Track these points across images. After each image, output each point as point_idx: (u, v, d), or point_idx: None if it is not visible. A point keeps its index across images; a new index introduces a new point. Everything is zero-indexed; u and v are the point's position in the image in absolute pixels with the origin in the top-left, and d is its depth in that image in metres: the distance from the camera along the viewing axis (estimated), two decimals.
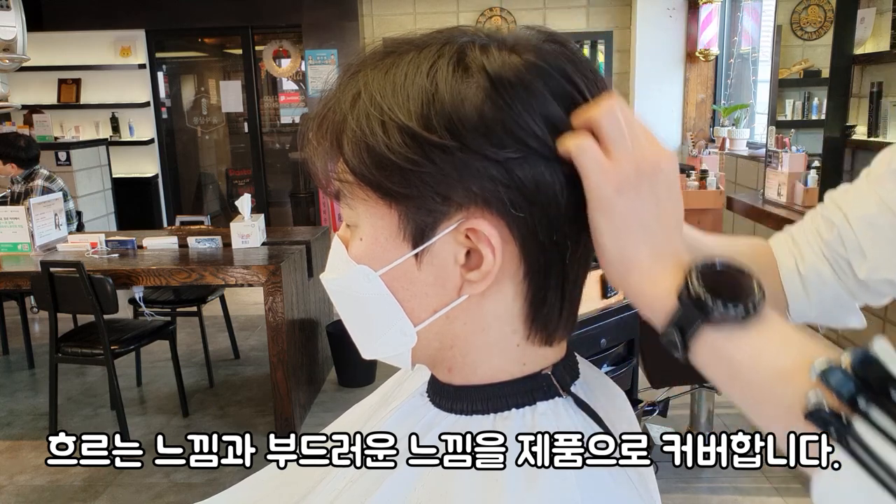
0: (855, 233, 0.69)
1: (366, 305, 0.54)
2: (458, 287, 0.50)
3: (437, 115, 0.46)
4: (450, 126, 0.46)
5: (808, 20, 4.34)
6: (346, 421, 0.69)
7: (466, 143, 0.46)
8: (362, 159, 0.48)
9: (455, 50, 0.49)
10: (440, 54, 0.49)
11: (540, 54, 0.48)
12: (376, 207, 0.50)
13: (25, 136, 4.21)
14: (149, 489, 2.72)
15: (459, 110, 0.46)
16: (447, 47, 0.49)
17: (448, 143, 0.46)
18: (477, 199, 0.47)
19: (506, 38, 0.50)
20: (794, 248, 0.74)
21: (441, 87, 0.47)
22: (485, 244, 0.48)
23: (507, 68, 0.47)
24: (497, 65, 0.47)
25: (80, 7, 6.48)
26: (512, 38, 0.50)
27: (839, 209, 0.71)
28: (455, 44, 0.49)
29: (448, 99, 0.46)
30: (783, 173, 3.77)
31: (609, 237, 0.48)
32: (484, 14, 6.45)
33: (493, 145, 0.46)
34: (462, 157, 0.46)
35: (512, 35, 0.50)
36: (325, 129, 0.51)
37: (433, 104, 0.46)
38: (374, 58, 0.51)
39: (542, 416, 0.52)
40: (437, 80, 0.47)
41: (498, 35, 0.50)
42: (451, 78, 0.47)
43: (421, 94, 0.47)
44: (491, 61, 0.48)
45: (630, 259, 0.48)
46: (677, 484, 2.63)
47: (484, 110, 0.46)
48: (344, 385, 3.65)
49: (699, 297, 0.45)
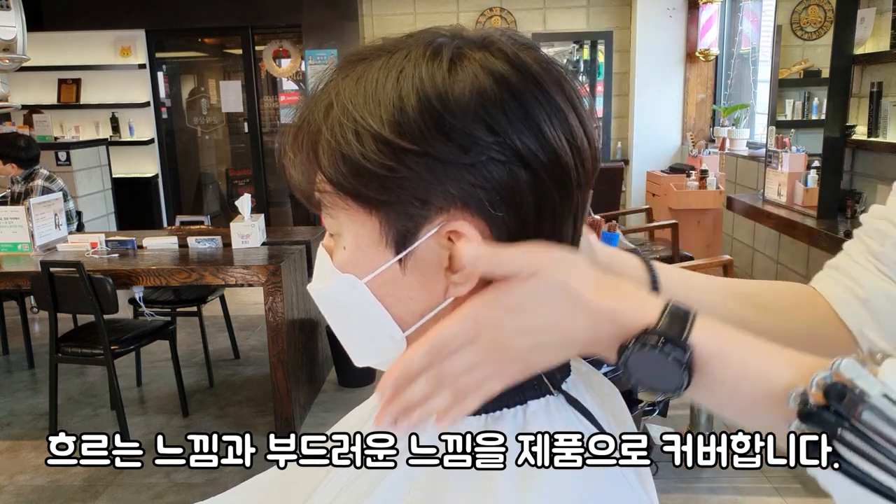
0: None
1: (353, 313, 0.54)
2: (444, 290, 0.51)
3: (407, 122, 0.46)
4: (420, 132, 0.46)
5: (808, 20, 4.34)
6: (345, 425, 0.69)
7: (437, 148, 0.46)
8: (339, 169, 0.48)
9: (424, 54, 0.49)
10: (410, 59, 0.49)
11: (513, 61, 0.48)
12: (357, 215, 0.50)
13: (25, 136, 4.21)
14: (149, 489, 2.72)
15: (429, 115, 0.46)
16: (417, 51, 0.49)
17: (420, 148, 0.46)
18: (456, 200, 0.47)
19: (478, 41, 0.50)
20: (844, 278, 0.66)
21: (410, 93, 0.47)
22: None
23: (477, 74, 0.47)
24: (468, 71, 0.47)
25: (80, 7, 6.48)
26: (483, 42, 0.50)
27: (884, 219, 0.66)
28: (425, 47, 0.49)
29: (417, 104, 0.46)
30: (783, 173, 3.77)
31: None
32: (484, 14, 6.44)
33: (462, 150, 0.46)
34: (436, 161, 0.46)
35: (483, 38, 0.50)
36: (300, 140, 0.51)
37: (404, 110, 0.46)
38: (347, 65, 0.51)
39: (534, 415, 0.53)
40: (406, 86, 0.47)
41: (470, 37, 0.50)
42: (419, 83, 0.47)
43: (391, 101, 0.47)
44: (462, 67, 0.48)
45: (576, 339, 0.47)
46: (677, 484, 2.63)
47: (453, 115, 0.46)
48: (344, 385, 3.65)
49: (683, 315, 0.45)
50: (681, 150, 6.43)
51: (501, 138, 0.47)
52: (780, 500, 2.52)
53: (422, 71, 0.47)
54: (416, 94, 0.47)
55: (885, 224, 0.66)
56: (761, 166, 4.25)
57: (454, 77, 0.47)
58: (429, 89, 0.47)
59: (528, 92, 0.48)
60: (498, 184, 0.47)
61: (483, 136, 0.46)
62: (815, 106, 4.13)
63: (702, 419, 2.93)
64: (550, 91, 0.49)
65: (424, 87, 0.47)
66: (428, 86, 0.47)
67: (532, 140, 0.47)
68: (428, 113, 0.46)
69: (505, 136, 0.47)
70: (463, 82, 0.47)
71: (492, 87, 0.47)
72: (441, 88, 0.47)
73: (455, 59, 0.48)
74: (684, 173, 5.60)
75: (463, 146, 0.46)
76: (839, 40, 3.26)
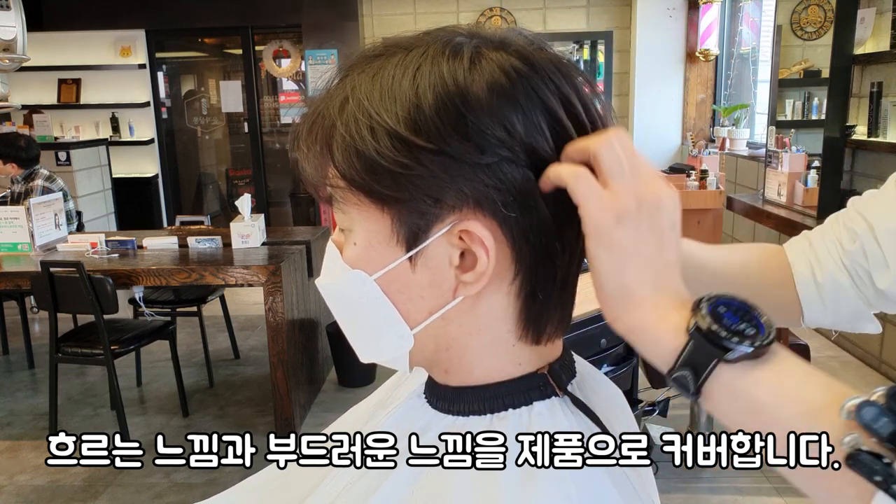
0: (880, 245, 0.68)
1: (362, 310, 0.54)
2: (453, 289, 0.50)
3: (424, 119, 0.46)
4: (437, 129, 0.46)
5: (808, 20, 4.34)
6: (344, 423, 0.69)
7: (453, 146, 0.46)
8: (352, 164, 0.48)
9: (443, 52, 0.48)
10: (427, 56, 0.48)
11: (530, 62, 0.48)
12: (369, 212, 0.50)
13: (25, 136, 4.21)
14: (149, 489, 2.72)
15: (447, 113, 0.46)
16: (434, 49, 0.49)
17: (435, 146, 0.46)
18: (469, 200, 0.47)
19: (495, 41, 0.50)
20: (812, 254, 0.73)
21: (427, 91, 0.47)
22: (478, 245, 0.48)
23: (495, 74, 0.47)
24: (486, 70, 0.47)
25: (80, 7, 6.48)
26: (501, 42, 0.50)
27: (864, 219, 0.70)
28: (443, 46, 0.49)
29: (434, 102, 0.46)
30: (783, 173, 3.77)
31: (609, 268, 0.47)
32: (484, 14, 6.44)
33: (478, 149, 0.46)
34: (451, 159, 0.46)
35: (501, 38, 0.50)
36: (314, 134, 0.51)
37: (420, 108, 0.46)
38: (363, 61, 0.51)
39: (539, 416, 0.52)
40: (423, 84, 0.47)
41: (487, 36, 0.50)
42: (437, 81, 0.47)
43: (408, 98, 0.47)
44: (480, 66, 0.48)
45: (631, 293, 0.47)
46: (677, 484, 2.63)
47: (471, 114, 0.46)
48: (344, 385, 3.65)
49: (712, 331, 0.43)
50: (681, 150, 6.43)
51: (518, 139, 0.46)
52: (780, 500, 2.52)
53: (441, 69, 0.47)
54: (433, 91, 0.46)
55: (861, 226, 0.69)
56: (761, 166, 4.25)
57: (474, 76, 0.47)
58: (450, 87, 0.46)
59: (545, 93, 0.48)
60: (512, 184, 0.47)
61: (500, 136, 0.46)
62: (815, 106, 4.14)
63: (702, 419, 2.93)
64: (567, 92, 0.49)
65: (443, 84, 0.47)
66: (449, 83, 0.47)
67: (548, 141, 0.47)
68: (445, 111, 0.46)
69: (521, 136, 0.46)
70: (482, 81, 0.47)
71: (508, 87, 0.47)
72: (462, 86, 0.46)
73: (473, 58, 0.48)
74: (684, 173, 5.59)
75: (479, 145, 0.46)
76: (839, 40, 3.26)
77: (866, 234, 0.69)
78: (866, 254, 0.69)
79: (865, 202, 0.72)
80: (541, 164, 0.47)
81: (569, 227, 0.50)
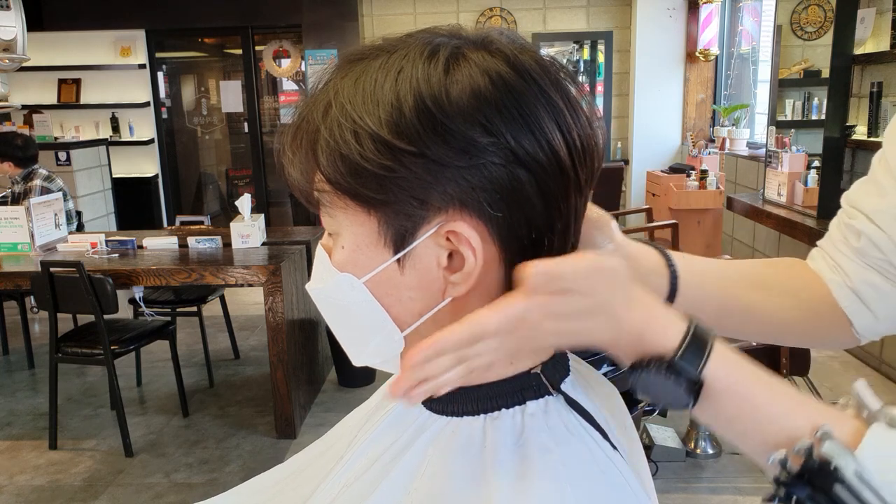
0: (884, 230, 0.66)
1: (352, 313, 0.54)
2: (442, 290, 0.50)
3: (405, 122, 0.46)
4: (417, 133, 0.46)
5: (808, 20, 4.34)
6: (345, 425, 0.69)
7: (434, 149, 0.46)
8: (337, 168, 0.48)
9: (422, 54, 0.48)
10: (409, 59, 0.48)
11: (512, 63, 0.48)
12: (355, 215, 0.50)
13: (23, 136, 4.20)
14: (149, 489, 2.72)
15: (425, 117, 0.46)
16: (415, 52, 0.49)
17: (417, 149, 0.46)
18: (454, 201, 0.47)
19: (477, 42, 0.50)
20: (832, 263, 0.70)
21: (408, 94, 0.47)
22: (465, 245, 0.48)
23: (475, 76, 0.47)
24: (465, 72, 0.47)
25: (80, 7, 6.48)
26: (482, 42, 0.50)
27: (858, 211, 0.69)
28: (423, 48, 0.49)
29: (414, 106, 0.46)
30: (783, 173, 3.77)
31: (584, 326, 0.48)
32: (484, 14, 6.45)
33: (459, 152, 0.46)
34: (434, 162, 0.46)
35: (482, 38, 0.50)
36: (299, 140, 0.51)
37: (401, 111, 0.46)
38: (346, 64, 0.51)
39: (532, 416, 0.53)
40: (404, 87, 0.47)
41: (469, 37, 0.50)
42: (416, 84, 0.47)
43: (389, 102, 0.47)
44: (459, 68, 0.47)
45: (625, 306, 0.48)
46: (677, 484, 2.63)
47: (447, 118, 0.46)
48: (344, 385, 3.65)
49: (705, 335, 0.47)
50: (681, 150, 6.43)
51: (498, 139, 0.46)
52: None
53: (418, 72, 0.47)
54: (412, 95, 0.46)
55: (859, 219, 0.68)
56: (761, 166, 4.25)
57: (450, 78, 0.47)
58: (424, 91, 0.46)
59: (526, 92, 0.48)
60: (497, 185, 0.47)
61: (479, 138, 0.46)
62: (815, 106, 4.14)
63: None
64: (549, 91, 0.49)
65: (420, 88, 0.47)
66: (423, 87, 0.47)
67: (530, 141, 0.47)
68: (424, 114, 0.46)
69: (501, 137, 0.46)
70: (459, 83, 0.47)
71: (488, 88, 0.47)
72: (436, 90, 0.46)
73: (451, 60, 0.48)
74: (684, 173, 5.60)
75: (459, 148, 0.46)
76: (839, 40, 3.26)
77: (866, 224, 0.67)
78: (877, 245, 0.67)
79: (855, 191, 0.71)
80: (528, 161, 0.47)
81: (557, 223, 0.50)
